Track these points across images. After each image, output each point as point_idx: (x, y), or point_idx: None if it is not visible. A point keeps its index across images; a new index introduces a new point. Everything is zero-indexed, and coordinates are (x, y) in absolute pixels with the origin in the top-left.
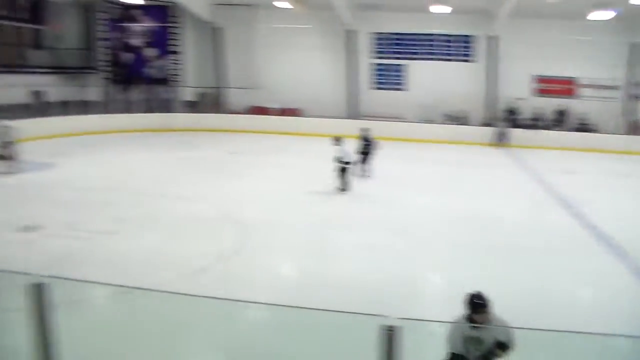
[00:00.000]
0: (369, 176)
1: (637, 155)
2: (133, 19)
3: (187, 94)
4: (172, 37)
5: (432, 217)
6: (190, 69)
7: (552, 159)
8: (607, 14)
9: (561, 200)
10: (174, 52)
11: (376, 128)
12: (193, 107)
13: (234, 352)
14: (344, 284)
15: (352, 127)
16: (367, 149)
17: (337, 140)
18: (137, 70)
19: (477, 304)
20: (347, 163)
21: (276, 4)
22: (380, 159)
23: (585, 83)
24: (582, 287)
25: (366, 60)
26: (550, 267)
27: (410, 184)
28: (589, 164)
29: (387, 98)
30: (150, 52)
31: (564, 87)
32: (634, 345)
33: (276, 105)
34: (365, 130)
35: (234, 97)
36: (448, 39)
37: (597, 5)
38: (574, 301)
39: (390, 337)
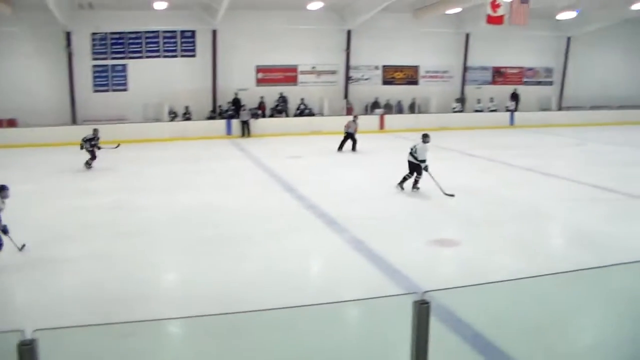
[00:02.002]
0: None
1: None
2: None
3: None
4: None
5: (159, 217)
6: None
7: (278, 145)
8: (320, 4)
9: (286, 184)
10: None
11: (100, 132)
12: None
13: None
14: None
15: (74, 134)
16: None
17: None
18: None
19: None
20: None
21: None
22: (109, 161)
23: (306, 70)
24: (308, 264)
25: (87, 63)
26: (278, 248)
27: (138, 185)
28: (312, 146)
29: (110, 100)
30: None
31: (286, 74)
32: (363, 308)
33: None
34: (96, 130)
35: None
36: (170, 35)
37: None
38: (304, 279)
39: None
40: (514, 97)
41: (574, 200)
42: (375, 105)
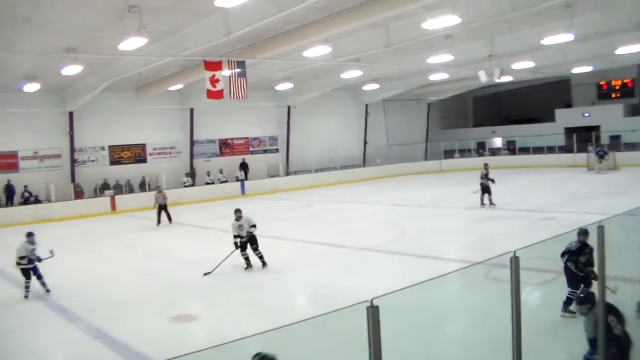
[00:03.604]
0: None
1: (88, 218)
2: None
3: None
4: None
5: None
6: None
7: (1, 238)
8: (36, 86)
9: (14, 279)
10: None
11: None
12: None
13: None
14: None
15: None
16: None
17: None
18: None
19: None
20: None
21: None
22: None
23: (28, 155)
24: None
25: None
26: (10, 350)
27: None
28: (40, 235)
29: None
30: None
31: (6, 161)
32: None
33: None
34: None
35: None
36: None
37: (28, 78)
38: None
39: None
40: (243, 166)
41: (305, 260)
42: (105, 186)
